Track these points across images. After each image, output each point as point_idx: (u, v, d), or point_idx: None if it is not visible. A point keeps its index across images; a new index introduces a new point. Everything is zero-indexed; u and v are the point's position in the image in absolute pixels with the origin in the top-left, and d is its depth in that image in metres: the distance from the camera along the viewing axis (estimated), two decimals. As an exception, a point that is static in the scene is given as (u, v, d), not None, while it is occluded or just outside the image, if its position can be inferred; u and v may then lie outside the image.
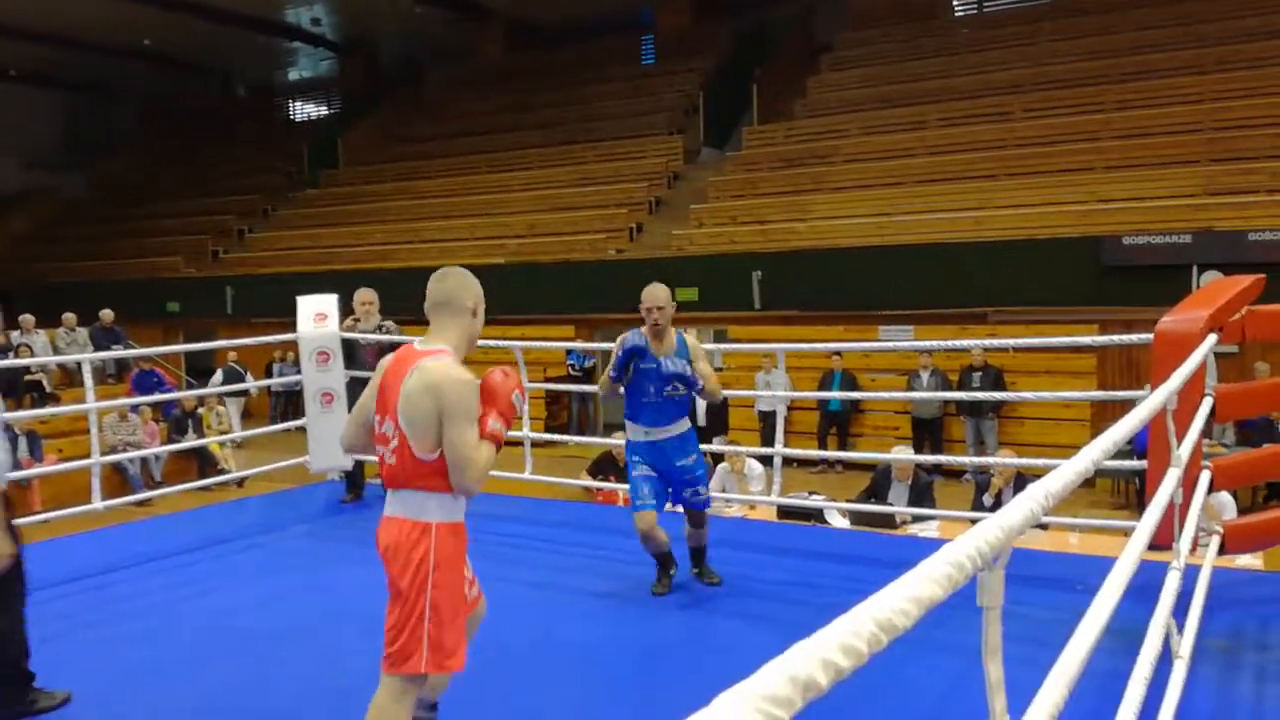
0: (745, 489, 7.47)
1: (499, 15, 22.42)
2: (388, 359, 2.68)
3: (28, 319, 13.29)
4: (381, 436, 2.60)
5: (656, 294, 4.30)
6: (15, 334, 13.03)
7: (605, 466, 8.44)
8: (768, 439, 11.49)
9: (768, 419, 11.91)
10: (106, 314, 14.21)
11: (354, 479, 6.52)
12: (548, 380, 13.00)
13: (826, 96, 17.08)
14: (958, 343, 9.77)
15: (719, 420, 11.75)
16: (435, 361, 2.54)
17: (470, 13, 22.16)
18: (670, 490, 4.40)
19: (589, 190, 17.14)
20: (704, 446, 4.78)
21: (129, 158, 26.76)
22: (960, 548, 1.15)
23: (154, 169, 25.60)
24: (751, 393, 11.54)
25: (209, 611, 4.34)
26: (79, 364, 10.22)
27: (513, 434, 6.77)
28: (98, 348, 13.08)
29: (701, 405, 11.57)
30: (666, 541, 4.37)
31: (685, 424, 4.43)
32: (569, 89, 20.39)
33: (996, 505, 6.58)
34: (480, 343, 8.51)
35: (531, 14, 22.33)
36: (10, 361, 10.93)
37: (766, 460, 7.45)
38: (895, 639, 0.97)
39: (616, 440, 8.94)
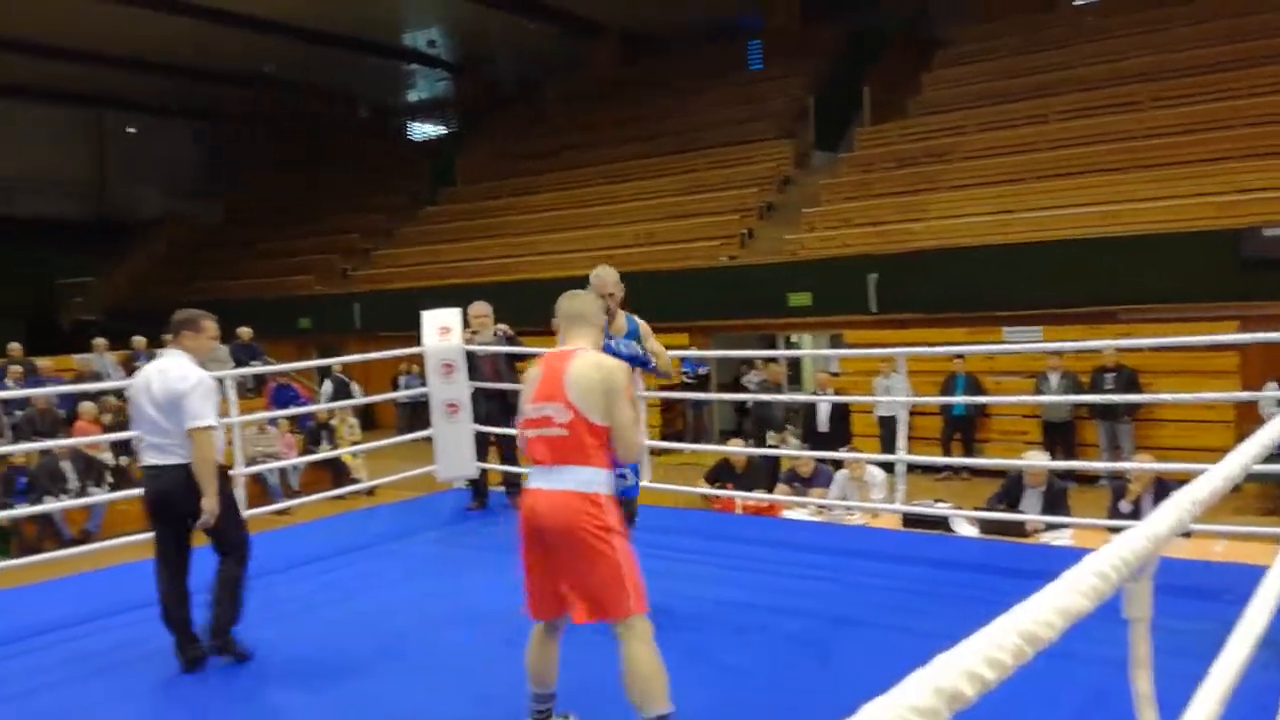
0: (866, 496, 7.36)
1: (610, 28, 22.73)
2: (538, 362, 3.12)
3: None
4: (543, 420, 2.99)
5: (606, 279, 4.40)
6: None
7: (723, 473, 8.43)
8: (888, 445, 11.26)
9: (887, 425, 11.67)
10: (245, 331, 14.95)
11: (479, 487, 6.70)
12: (662, 388, 13.06)
13: (942, 93, 16.69)
14: (1088, 343, 9.40)
15: (843, 429, 11.58)
16: (590, 352, 3.08)
17: (581, 27, 22.53)
18: None
19: (700, 198, 17.17)
20: (827, 454, 4.73)
21: (260, 182, 28.10)
22: (1106, 558, 1.12)
23: (284, 192, 26.80)
24: (870, 398, 11.35)
25: (355, 614, 4.51)
26: (221, 379, 10.83)
27: (631, 442, 6.88)
28: (237, 363, 13.77)
29: (824, 412, 11.45)
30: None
31: None
32: (679, 97, 20.48)
33: (1135, 513, 6.31)
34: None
35: (641, 26, 22.58)
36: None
37: (888, 467, 7.33)
38: (1039, 651, 0.96)
39: (733, 447, 8.95)
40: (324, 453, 11.40)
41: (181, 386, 3.83)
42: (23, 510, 8.65)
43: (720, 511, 7.74)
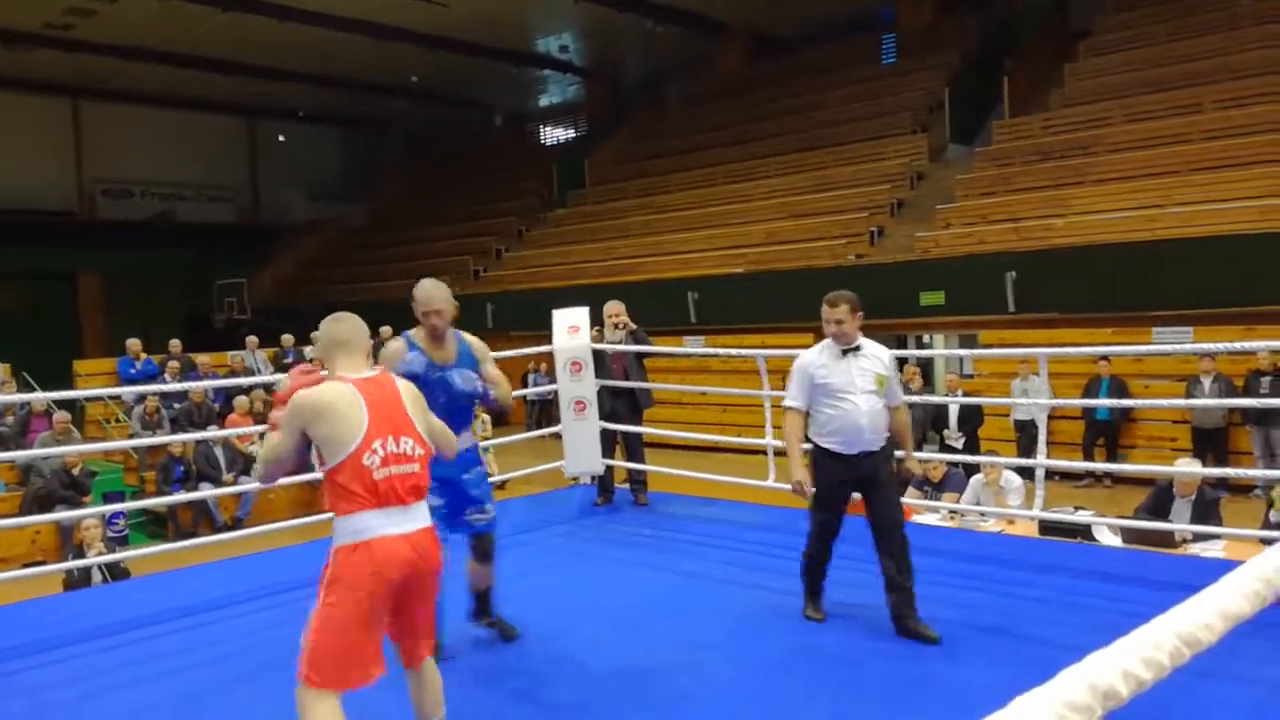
0: (1002, 502, 7.10)
1: (737, 27, 22.67)
2: (345, 390, 2.75)
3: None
4: (395, 457, 2.71)
5: (433, 295, 3.76)
6: (307, 349, 14.51)
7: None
8: (1025, 450, 10.87)
9: (1025, 429, 11.28)
10: (386, 330, 15.49)
11: (605, 483, 6.78)
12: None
13: (1086, 84, 15.97)
14: (1243, 344, 8.80)
15: (972, 433, 11.21)
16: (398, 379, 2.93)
17: (707, 27, 22.54)
18: (448, 512, 3.80)
19: (828, 195, 16.93)
20: (957, 458, 4.59)
21: (398, 187, 29.17)
22: (1270, 563, 1.06)
23: (420, 196, 27.75)
24: (1007, 400, 10.96)
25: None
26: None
27: (754, 441, 6.85)
28: (378, 360, 14.32)
29: (954, 413, 11.11)
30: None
31: (468, 436, 3.88)
32: (807, 94, 20.25)
33: (1297, 524, 5.90)
34: (720, 352, 8.58)
35: (768, 24, 22.43)
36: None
37: (1024, 472, 7.06)
38: (1197, 654, 0.91)
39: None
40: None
41: None
42: (179, 497, 9.20)
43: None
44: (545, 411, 16.11)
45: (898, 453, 4.35)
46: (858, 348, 4.09)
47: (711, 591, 4.75)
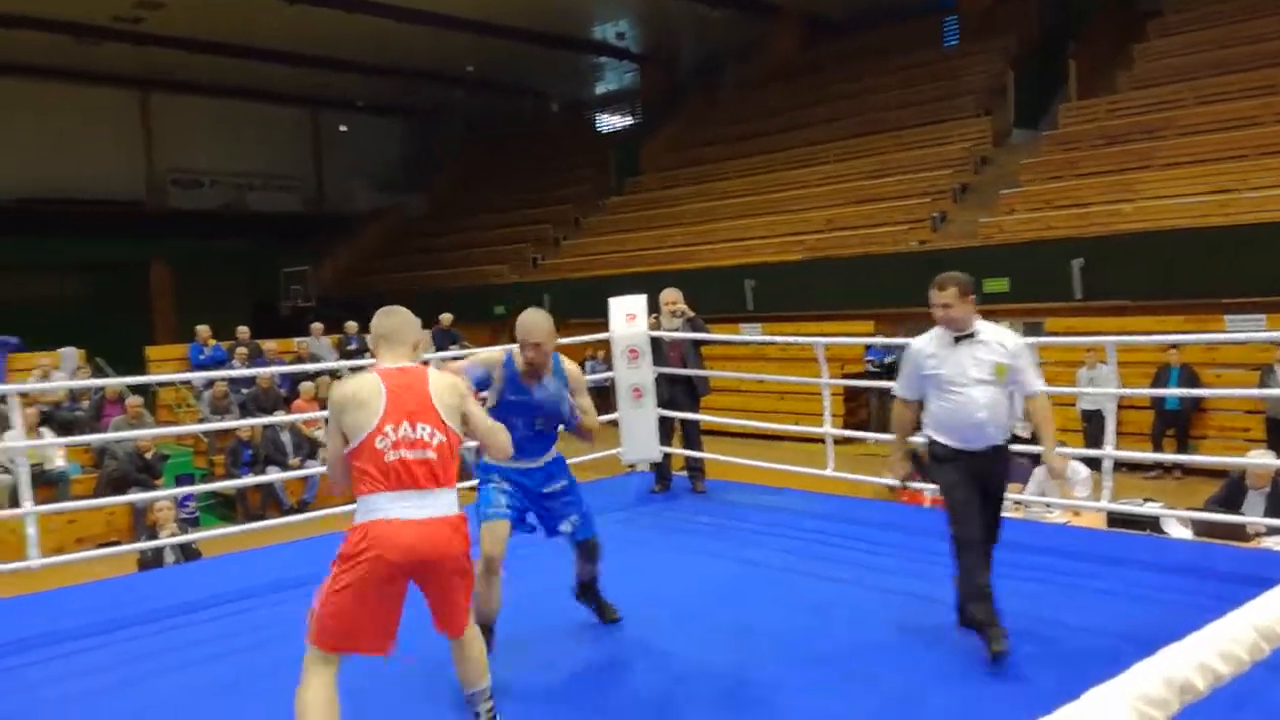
0: (1068, 493, 6.97)
1: (790, 10, 22.46)
2: (370, 380, 2.85)
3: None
4: (408, 441, 2.77)
5: (533, 327, 3.67)
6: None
7: (911, 465, 8.19)
8: (1092, 440, 10.64)
9: (1092, 419, 11.03)
10: (446, 317, 15.74)
11: (662, 470, 6.78)
12: (846, 376, 12.80)
13: (1155, 66, 15.52)
14: (1325, 332, 8.54)
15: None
16: (436, 370, 3.02)
17: (762, 11, 22.35)
18: (542, 522, 4.01)
19: (889, 181, 16.70)
20: (1021, 448, 4.49)
21: (456, 176, 29.45)
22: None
23: (479, 185, 27.97)
24: (1073, 389, 10.74)
25: (543, 589, 4.63)
26: (426, 362, 11.49)
27: (813, 430, 6.80)
28: (438, 348, 14.50)
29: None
30: (491, 609, 3.71)
31: (553, 454, 3.99)
32: (866, 78, 19.97)
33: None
34: (778, 339, 8.57)
35: (823, 6, 22.17)
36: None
37: (1091, 463, 6.92)
38: (1277, 649, 0.89)
39: (921, 439, 8.68)
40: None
41: None
42: (248, 480, 9.43)
43: (909, 504, 7.54)
44: (603, 398, 16.17)
45: (1034, 448, 4.11)
46: (972, 334, 3.71)
47: (770, 580, 4.74)
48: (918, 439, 4.11)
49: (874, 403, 14.39)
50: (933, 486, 7.59)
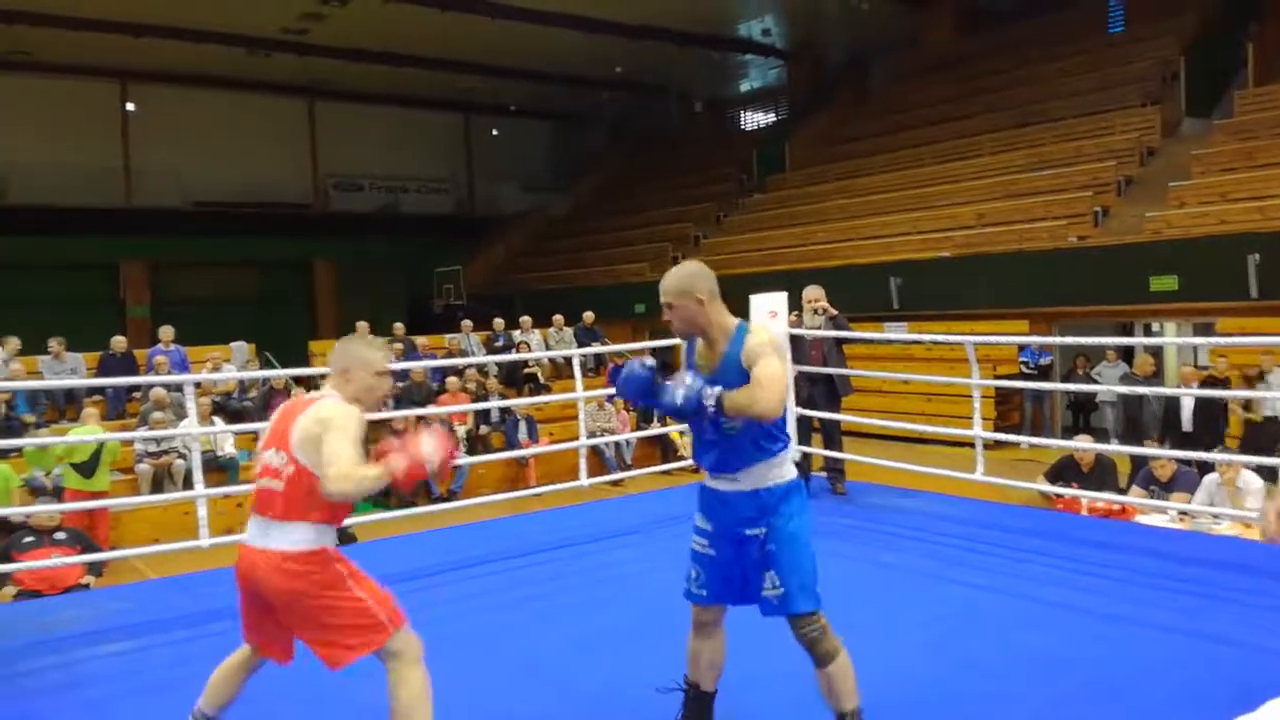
0: (1240, 504, 6.52)
1: (948, 1, 21.79)
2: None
3: (526, 320, 15.37)
4: (265, 469, 2.80)
5: (665, 283, 2.82)
6: (516, 333, 15.15)
7: (1066, 472, 7.84)
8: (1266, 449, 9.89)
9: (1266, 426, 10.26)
10: (588, 315, 15.99)
11: (802, 471, 6.68)
12: (998, 378, 12.33)
13: (1350, 44, 14.32)
14: None
15: (1214, 429, 10.31)
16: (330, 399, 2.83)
17: (918, 3, 21.76)
18: (743, 576, 2.85)
19: (1047, 174, 15.97)
20: (1193, 454, 4.23)
21: (600, 176, 29.88)
22: None
23: (621, 184, 28.30)
24: (1249, 393, 10.02)
25: (656, 588, 4.60)
26: (568, 359, 11.77)
27: (961, 433, 6.58)
28: (580, 344, 14.75)
29: (1188, 406, 10.26)
30: (712, 672, 2.93)
31: (765, 472, 2.79)
32: (1023, 68, 19.19)
33: None
34: (924, 338, 8.34)
35: (982, -5, 21.45)
36: (513, 356, 13.40)
37: (1267, 473, 6.45)
38: None
39: (1077, 443, 8.26)
40: (654, 430, 11.94)
41: None
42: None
43: (1064, 512, 7.21)
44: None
45: (1202, 455, 3.98)
46: None
47: (909, 585, 4.62)
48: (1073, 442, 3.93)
49: (1027, 406, 13.80)
50: (1092, 494, 7.25)
